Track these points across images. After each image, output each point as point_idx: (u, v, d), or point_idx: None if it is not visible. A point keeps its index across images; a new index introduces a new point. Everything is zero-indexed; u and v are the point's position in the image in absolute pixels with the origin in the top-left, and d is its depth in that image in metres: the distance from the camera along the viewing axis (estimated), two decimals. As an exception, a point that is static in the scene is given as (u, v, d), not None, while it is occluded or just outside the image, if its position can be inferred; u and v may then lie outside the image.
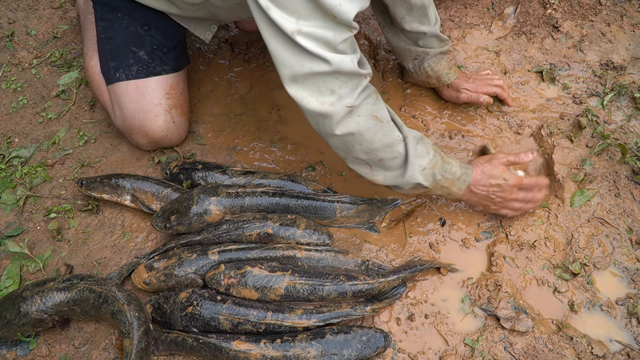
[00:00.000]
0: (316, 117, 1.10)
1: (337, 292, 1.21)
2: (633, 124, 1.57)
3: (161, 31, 1.46)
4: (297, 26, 0.96)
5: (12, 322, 1.16)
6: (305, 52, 0.99)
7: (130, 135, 1.50)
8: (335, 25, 0.98)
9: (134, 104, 1.43)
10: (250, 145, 1.60)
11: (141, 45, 1.44)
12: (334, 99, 1.06)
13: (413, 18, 1.44)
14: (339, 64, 1.01)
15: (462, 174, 1.27)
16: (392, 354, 1.19)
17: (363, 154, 1.18)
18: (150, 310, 1.21)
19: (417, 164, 1.20)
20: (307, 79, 1.03)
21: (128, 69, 1.43)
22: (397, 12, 1.43)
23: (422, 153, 1.22)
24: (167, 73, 1.48)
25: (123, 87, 1.43)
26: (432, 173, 1.22)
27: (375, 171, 1.23)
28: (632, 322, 1.23)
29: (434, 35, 1.49)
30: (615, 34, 1.80)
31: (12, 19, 1.95)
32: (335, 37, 0.99)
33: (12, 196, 1.47)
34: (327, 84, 1.04)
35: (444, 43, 1.53)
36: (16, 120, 1.68)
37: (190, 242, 1.32)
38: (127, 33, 1.43)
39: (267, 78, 1.78)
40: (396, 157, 1.20)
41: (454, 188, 1.27)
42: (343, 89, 1.06)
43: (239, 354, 1.12)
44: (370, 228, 1.40)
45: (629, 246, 1.35)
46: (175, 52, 1.51)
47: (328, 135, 1.14)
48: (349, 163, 1.24)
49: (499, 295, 1.27)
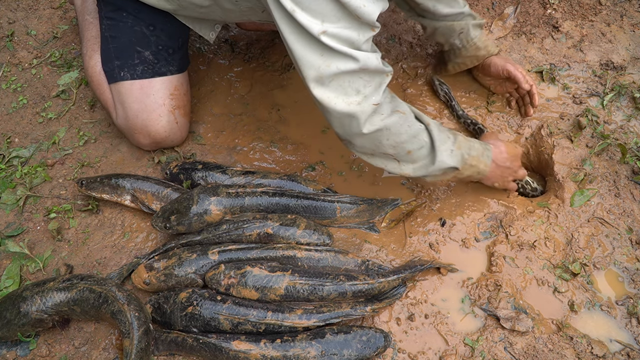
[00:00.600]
0: (343, 118, 1.10)
1: (337, 292, 1.21)
2: (633, 124, 1.57)
3: (166, 32, 1.46)
4: (322, 27, 0.97)
5: (12, 322, 1.16)
6: (332, 51, 1.00)
7: (131, 135, 1.50)
8: (359, 25, 1.00)
9: (137, 103, 1.43)
10: (250, 145, 1.60)
11: (147, 46, 1.44)
12: (360, 99, 1.07)
13: (444, 4, 1.51)
14: (365, 61, 1.03)
15: (484, 149, 1.31)
16: (392, 354, 1.19)
17: (391, 149, 1.19)
18: (150, 310, 1.21)
19: (444, 149, 1.22)
20: (333, 80, 1.04)
21: (133, 69, 1.43)
22: (428, 4, 1.50)
23: (445, 137, 1.24)
24: (172, 74, 1.48)
25: (127, 86, 1.43)
26: (460, 153, 1.25)
27: (403, 165, 1.25)
28: (632, 322, 1.23)
29: (469, 14, 1.55)
30: (615, 34, 1.80)
31: (12, 19, 1.95)
32: (359, 37, 1.01)
33: (12, 196, 1.47)
34: (352, 84, 1.06)
35: (479, 18, 1.58)
36: (16, 120, 1.68)
37: (190, 242, 1.32)
38: (133, 33, 1.43)
39: (267, 78, 1.78)
40: (422, 147, 1.22)
41: (481, 165, 1.30)
42: (368, 88, 1.07)
43: (239, 354, 1.12)
44: (370, 228, 1.40)
45: (629, 246, 1.35)
46: (180, 52, 1.51)
47: (355, 135, 1.15)
48: (376, 161, 1.24)
49: (499, 295, 1.27)
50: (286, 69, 1.80)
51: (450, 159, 1.23)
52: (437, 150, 1.22)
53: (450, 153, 1.23)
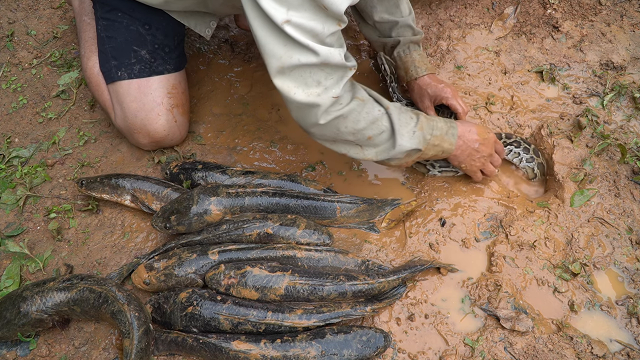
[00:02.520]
0: (302, 108, 1.11)
1: (337, 292, 1.21)
2: (633, 124, 1.57)
3: (162, 30, 1.46)
4: (287, 16, 0.96)
5: (12, 322, 1.16)
6: (294, 42, 0.99)
7: (131, 135, 1.50)
8: (325, 17, 0.99)
9: (135, 103, 1.43)
10: (250, 145, 1.60)
11: (143, 45, 1.44)
12: (320, 90, 1.07)
13: (383, 8, 1.49)
14: (327, 56, 1.02)
15: (448, 127, 1.30)
16: (392, 354, 1.19)
17: (351, 136, 1.20)
18: (150, 310, 1.21)
19: (404, 132, 1.23)
20: (294, 70, 1.04)
21: (130, 68, 1.43)
22: (367, 2, 1.48)
23: (406, 120, 1.24)
24: (170, 72, 1.48)
25: (125, 85, 1.43)
26: (421, 134, 1.25)
27: (365, 150, 1.25)
28: (632, 322, 1.23)
29: (407, 25, 1.51)
30: (615, 34, 1.80)
31: (12, 19, 1.94)
32: (323, 29, 1.00)
33: (12, 196, 1.47)
34: (313, 76, 1.06)
35: (418, 34, 1.54)
36: (16, 120, 1.68)
37: (190, 242, 1.32)
38: (129, 32, 1.43)
39: (267, 78, 1.76)
40: (383, 132, 1.22)
41: (445, 144, 1.30)
42: (329, 81, 1.07)
43: (239, 354, 1.12)
44: (370, 228, 1.40)
45: (629, 246, 1.35)
46: (177, 51, 1.51)
47: (312, 125, 1.16)
48: (338, 147, 1.25)
49: (499, 295, 1.27)
50: (286, 69, 1.80)
51: (411, 142, 1.23)
52: (397, 134, 1.22)
53: (412, 135, 1.23)
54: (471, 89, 1.71)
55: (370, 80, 1.78)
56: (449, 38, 1.82)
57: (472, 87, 1.72)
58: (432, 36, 1.85)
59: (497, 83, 1.73)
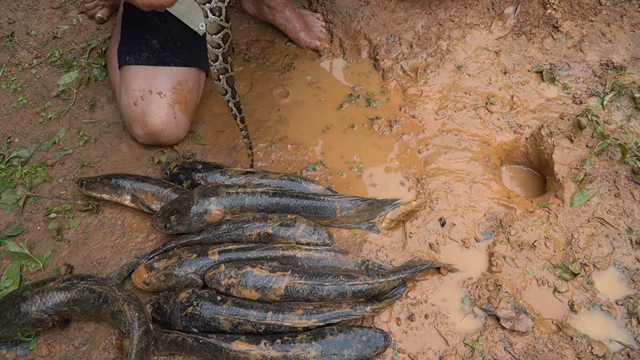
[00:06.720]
0: None
1: (337, 292, 1.21)
2: (633, 124, 1.57)
3: (177, 25, 1.49)
4: None
5: (12, 322, 1.16)
6: None
7: (129, 123, 1.51)
8: None
9: (139, 91, 1.46)
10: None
11: (155, 34, 1.47)
12: None
13: None
14: None
15: None
16: (392, 354, 1.19)
17: None
18: (150, 310, 1.21)
19: None
20: None
21: (138, 55, 1.46)
22: None
23: None
24: (176, 65, 1.49)
25: (132, 72, 1.46)
26: None
27: None
28: (632, 322, 1.23)
29: None
30: (615, 34, 1.79)
31: (12, 19, 1.94)
32: None
33: (12, 196, 1.47)
34: None
35: None
36: (16, 120, 1.68)
37: (190, 242, 1.32)
38: (145, 21, 1.47)
39: (267, 78, 1.78)
40: None
41: None
42: None
43: (239, 354, 1.12)
44: (370, 228, 1.40)
45: (629, 246, 1.35)
46: (188, 48, 1.52)
47: None
48: None
49: (499, 295, 1.27)
50: (286, 69, 1.80)
51: None
52: None
53: None
54: (471, 89, 1.71)
55: (370, 80, 1.78)
56: (449, 38, 1.82)
57: (472, 87, 1.72)
58: (432, 36, 1.85)
59: (497, 83, 1.73)
